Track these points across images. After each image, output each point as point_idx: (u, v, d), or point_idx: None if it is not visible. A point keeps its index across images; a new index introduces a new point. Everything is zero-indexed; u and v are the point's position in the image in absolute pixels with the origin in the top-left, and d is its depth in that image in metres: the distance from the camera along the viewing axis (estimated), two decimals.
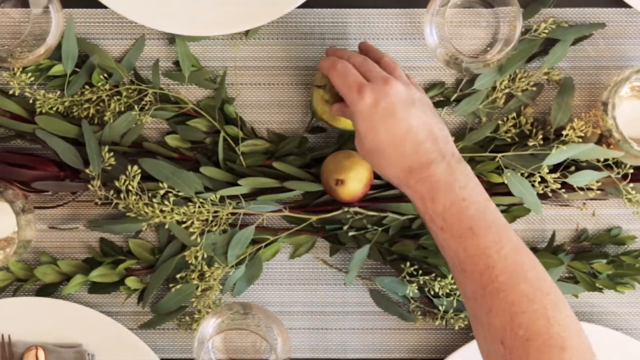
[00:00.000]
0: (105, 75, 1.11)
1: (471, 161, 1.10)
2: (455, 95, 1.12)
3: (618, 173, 1.08)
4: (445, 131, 0.96)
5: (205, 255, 1.10)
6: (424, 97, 0.98)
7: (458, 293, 1.11)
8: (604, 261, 1.11)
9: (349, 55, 1.00)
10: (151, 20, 1.09)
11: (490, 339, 0.89)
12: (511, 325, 0.87)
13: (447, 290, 1.11)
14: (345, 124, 1.07)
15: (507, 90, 1.11)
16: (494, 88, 1.11)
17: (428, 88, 1.13)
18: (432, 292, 1.12)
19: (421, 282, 1.11)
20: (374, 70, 0.97)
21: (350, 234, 1.11)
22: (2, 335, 1.11)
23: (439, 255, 1.10)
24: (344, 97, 0.97)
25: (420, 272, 1.11)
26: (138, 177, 1.07)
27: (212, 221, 1.10)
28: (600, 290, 1.12)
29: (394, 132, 0.94)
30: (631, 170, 1.08)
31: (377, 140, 0.94)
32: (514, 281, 0.89)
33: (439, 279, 1.11)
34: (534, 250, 1.13)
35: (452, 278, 1.10)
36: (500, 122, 1.11)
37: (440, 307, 1.12)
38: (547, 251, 1.12)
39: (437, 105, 1.13)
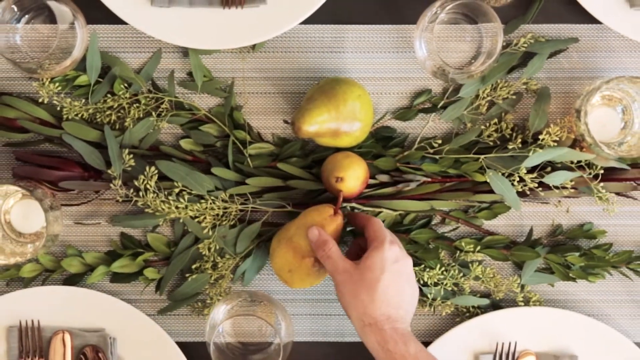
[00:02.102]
0: (126, 85, 1.13)
1: (457, 162, 1.12)
2: (442, 103, 1.14)
3: (590, 173, 1.11)
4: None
5: (217, 247, 1.12)
6: None
7: (445, 282, 1.13)
8: (577, 254, 1.14)
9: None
10: (167, 35, 1.11)
11: None
12: None
13: (435, 280, 1.13)
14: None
15: (489, 98, 1.14)
16: (477, 96, 1.14)
17: (417, 96, 1.15)
18: (421, 282, 1.14)
19: None
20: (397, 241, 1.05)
21: (348, 228, 1.13)
22: (32, 321, 1.13)
23: (428, 249, 1.13)
24: (373, 240, 1.02)
25: None
26: (155, 177, 1.10)
27: (222, 216, 1.12)
28: (573, 280, 1.15)
29: (399, 285, 1.01)
30: (602, 171, 1.11)
31: (380, 278, 1.00)
32: None
33: (427, 269, 1.14)
34: (514, 243, 1.15)
35: (439, 269, 1.13)
36: (483, 127, 1.14)
37: (429, 295, 1.15)
38: (526, 244, 1.14)
39: (426, 111, 1.15)
